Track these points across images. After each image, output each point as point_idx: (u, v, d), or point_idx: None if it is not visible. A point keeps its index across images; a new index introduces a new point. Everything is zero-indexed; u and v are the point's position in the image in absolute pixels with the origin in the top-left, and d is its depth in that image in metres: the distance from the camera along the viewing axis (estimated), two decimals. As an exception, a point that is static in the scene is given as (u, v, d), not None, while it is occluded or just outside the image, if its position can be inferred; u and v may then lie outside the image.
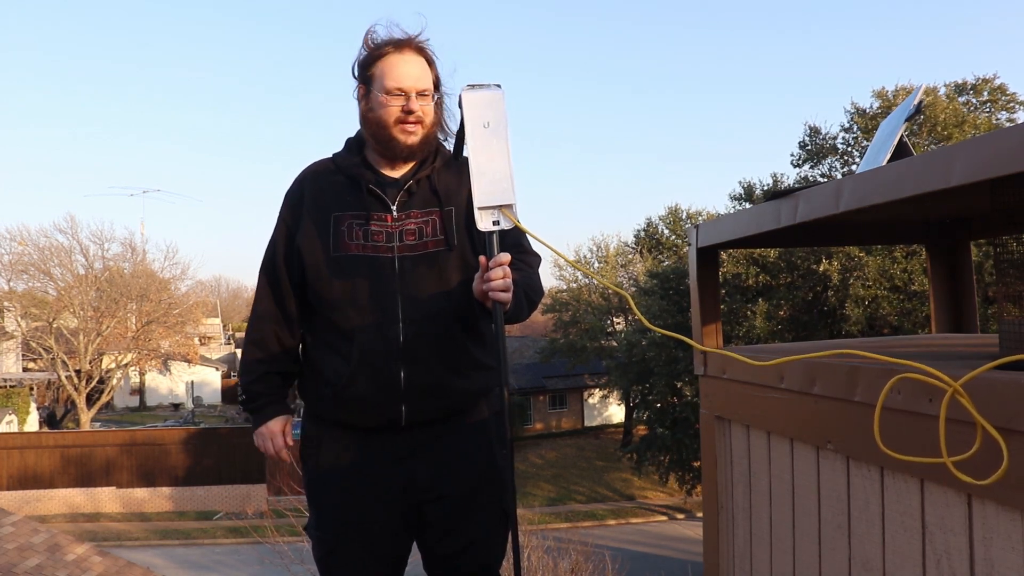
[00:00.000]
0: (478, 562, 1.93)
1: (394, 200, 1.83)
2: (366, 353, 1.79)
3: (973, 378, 1.13)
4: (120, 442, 22.51)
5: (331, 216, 1.84)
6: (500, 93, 1.65)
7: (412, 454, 1.85)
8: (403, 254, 1.80)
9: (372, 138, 1.87)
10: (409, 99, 1.80)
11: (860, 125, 20.57)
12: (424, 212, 1.84)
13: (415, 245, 1.81)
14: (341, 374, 1.81)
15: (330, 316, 1.84)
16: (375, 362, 1.79)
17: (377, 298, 1.79)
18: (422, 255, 1.81)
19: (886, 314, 17.39)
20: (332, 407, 1.86)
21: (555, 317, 31.48)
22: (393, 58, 1.82)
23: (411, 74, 1.81)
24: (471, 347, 1.87)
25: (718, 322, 2.21)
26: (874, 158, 2.01)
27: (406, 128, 1.81)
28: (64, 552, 7.83)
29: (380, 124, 1.82)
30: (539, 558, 8.73)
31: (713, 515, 2.16)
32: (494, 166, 1.63)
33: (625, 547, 17.98)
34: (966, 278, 2.50)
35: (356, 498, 1.86)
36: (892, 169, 1.34)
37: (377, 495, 1.85)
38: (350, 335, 1.80)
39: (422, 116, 1.82)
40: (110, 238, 38.45)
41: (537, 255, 1.95)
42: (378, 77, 1.82)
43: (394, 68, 1.81)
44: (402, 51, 1.83)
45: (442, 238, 1.83)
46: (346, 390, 1.81)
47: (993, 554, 1.16)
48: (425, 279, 1.80)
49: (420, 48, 1.85)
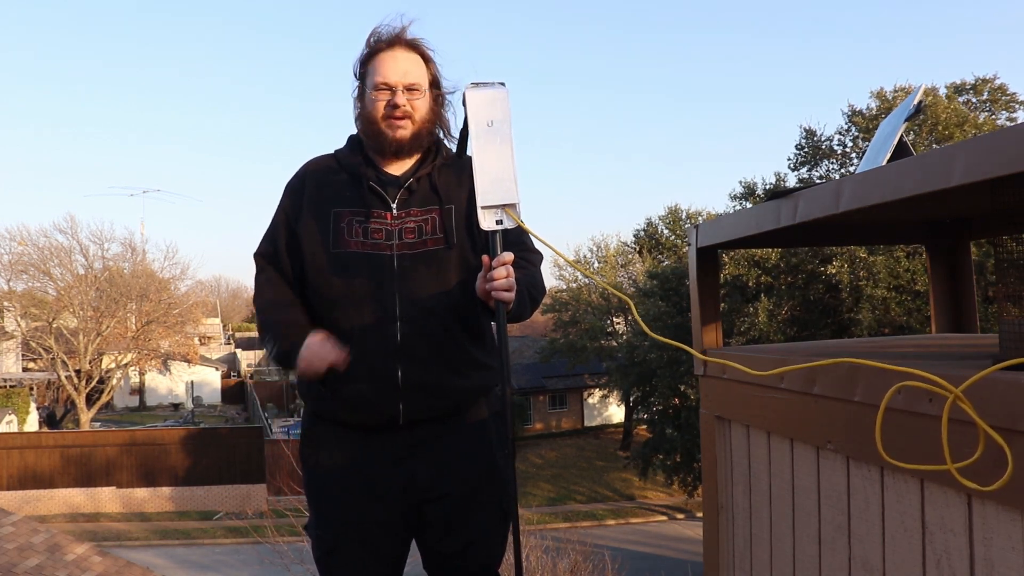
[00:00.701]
0: (478, 562, 1.93)
1: (394, 198, 1.83)
2: (364, 351, 1.78)
3: (974, 383, 1.13)
4: (120, 442, 22.51)
5: (331, 212, 1.84)
6: (504, 91, 1.64)
7: (412, 454, 1.85)
8: (402, 252, 1.80)
9: (364, 134, 1.88)
10: (395, 94, 1.81)
11: (858, 126, 20.55)
12: (424, 210, 1.84)
13: (414, 243, 1.81)
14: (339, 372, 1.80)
15: (328, 313, 1.84)
16: (373, 360, 1.78)
17: (375, 296, 1.79)
18: (421, 253, 1.81)
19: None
20: (331, 405, 1.86)
21: (555, 317, 31.47)
22: (383, 55, 1.84)
23: (397, 69, 1.82)
24: (470, 346, 1.86)
25: (718, 322, 2.21)
26: (874, 158, 2.01)
27: (392, 123, 1.82)
28: (64, 552, 7.83)
29: (369, 119, 1.84)
30: (538, 558, 8.73)
31: (713, 515, 2.16)
32: (497, 165, 1.62)
33: (625, 547, 17.98)
34: (966, 278, 2.50)
35: (356, 497, 1.85)
36: (892, 169, 1.34)
37: (377, 495, 1.84)
38: (348, 333, 1.80)
39: (410, 111, 1.82)
40: (110, 238, 38.55)
41: (539, 253, 1.94)
42: (369, 74, 1.85)
43: (382, 64, 1.83)
44: (392, 48, 1.84)
45: (441, 236, 1.82)
46: (344, 388, 1.80)
47: (993, 554, 1.16)
48: (424, 278, 1.80)
49: (411, 44, 1.86)
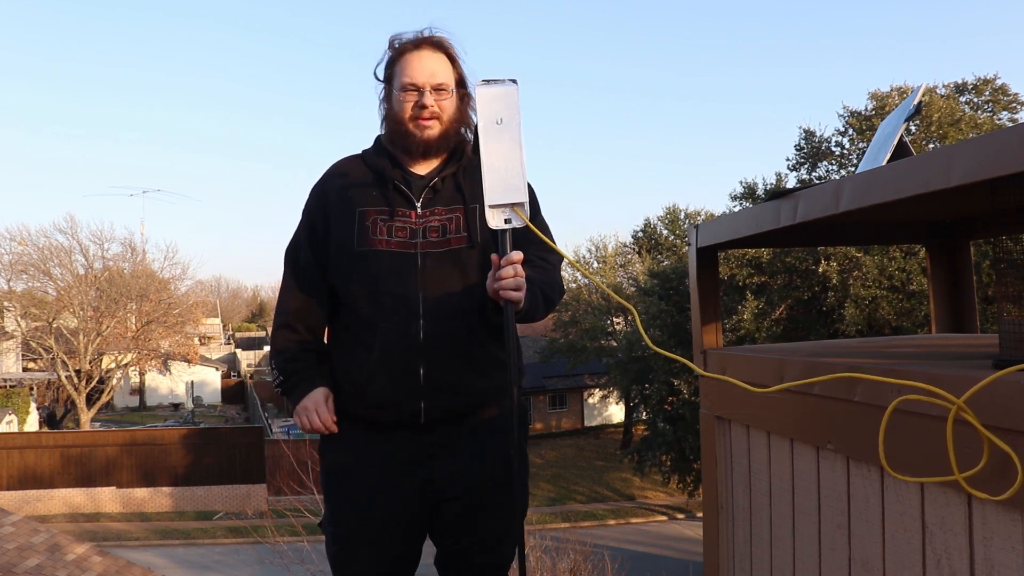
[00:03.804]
0: (491, 561, 1.94)
1: (419, 197, 1.84)
2: (387, 349, 1.79)
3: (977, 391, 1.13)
4: (120, 442, 22.50)
5: (356, 211, 1.85)
6: (514, 89, 1.63)
7: (431, 453, 1.85)
8: (426, 251, 1.81)
9: (391, 134, 1.89)
10: (423, 94, 1.81)
11: (855, 127, 20.49)
12: (448, 209, 1.84)
13: (438, 242, 1.82)
14: (362, 369, 1.82)
15: (353, 310, 1.85)
16: (396, 358, 1.79)
17: (399, 294, 1.79)
18: (445, 252, 1.81)
19: (885, 314, 17.36)
20: (352, 402, 1.86)
21: (555, 317, 31.44)
22: (410, 55, 1.85)
23: (425, 69, 1.83)
24: (492, 345, 1.86)
25: (718, 322, 2.21)
26: (874, 158, 2.01)
27: (420, 123, 1.82)
28: (64, 552, 7.82)
29: (396, 120, 1.85)
30: (538, 558, 8.73)
31: (713, 515, 2.16)
32: (506, 163, 1.60)
33: (625, 547, 17.98)
34: (966, 278, 2.50)
35: (372, 495, 1.85)
36: (892, 169, 1.34)
37: (394, 492, 1.85)
38: (372, 330, 1.81)
39: (438, 111, 1.83)
40: (110, 238, 38.51)
41: (557, 254, 1.91)
42: (396, 75, 1.85)
43: (409, 65, 1.84)
44: (420, 48, 1.85)
45: (465, 235, 1.83)
46: (367, 386, 1.81)
47: (993, 554, 1.16)
48: (447, 276, 1.81)
49: (439, 44, 1.87)
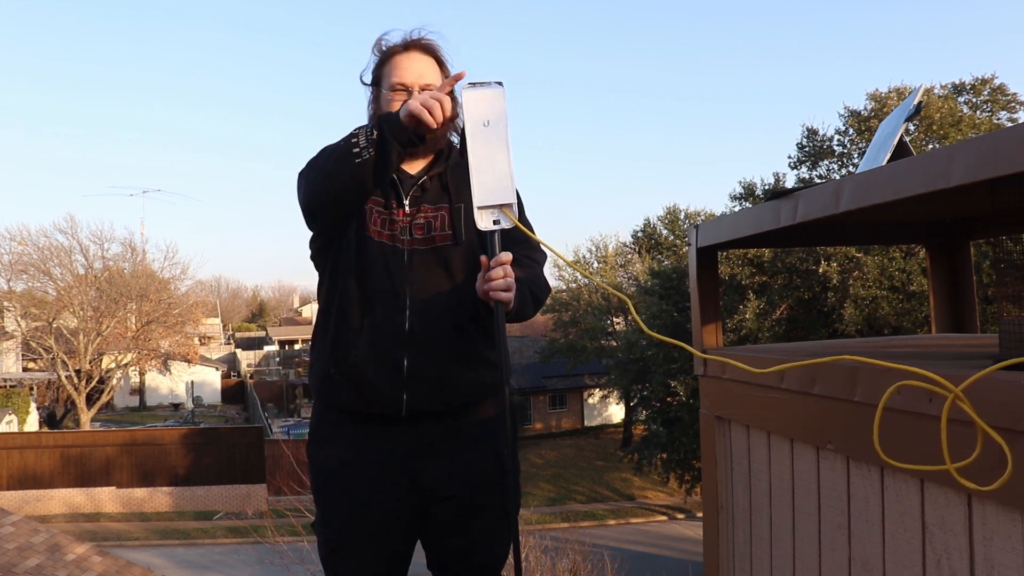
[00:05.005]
0: (482, 562, 1.94)
1: (407, 195, 1.87)
2: (375, 336, 1.82)
3: (974, 382, 1.13)
4: (120, 442, 22.51)
5: None
6: (501, 91, 1.65)
7: (419, 454, 1.86)
8: (412, 248, 1.84)
9: None
10: (411, 94, 1.83)
11: (854, 127, 20.50)
12: (434, 208, 1.88)
13: (423, 239, 1.85)
14: (350, 350, 1.84)
15: (344, 292, 1.87)
16: (382, 346, 1.82)
17: (387, 285, 1.83)
18: (430, 249, 1.85)
19: (885, 314, 17.37)
20: (337, 387, 1.87)
21: (555, 317, 31.46)
22: (399, 57, 1.89)
23: (414, 70, 1.87)
24: (479, 343, 1.89)
25: (718, 322, 2.21)
26: (874, 158, 2.01)
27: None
28: (64, 552, 7.83)
29: None
30: (537, 558, 8.73)
31: (713, 515, 2.16)
32: (493, 165, 1.62)
33: (625, 547, 17.98)
34: (966, 278, 2.50)
35: (362, 495, 1.86)
36: (892, 169, 1.34)
37: (383, 493, 1.85)
38: (360, 319, 1.84)
39: None
40: (110, 238, 38.47)
41: (542, 253, 1.97)
42: (385, 76, 1.89)
43: (398, 66, 1.88)
44: (408, 50, 1.89)
45: (449, 233, 1.86)
46: (353, 371, 1.83)
47: (993, 554, 1.17)
48: (432, 273, 1.84)
49: (427, 47, 1.90)
